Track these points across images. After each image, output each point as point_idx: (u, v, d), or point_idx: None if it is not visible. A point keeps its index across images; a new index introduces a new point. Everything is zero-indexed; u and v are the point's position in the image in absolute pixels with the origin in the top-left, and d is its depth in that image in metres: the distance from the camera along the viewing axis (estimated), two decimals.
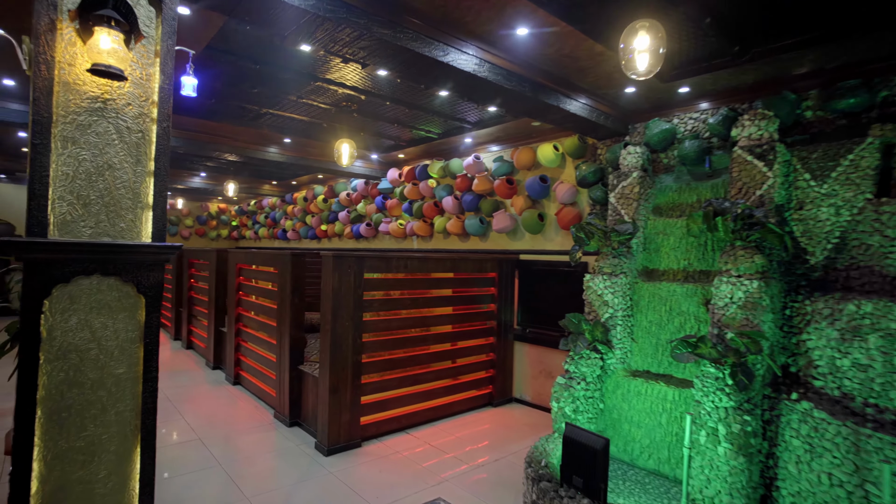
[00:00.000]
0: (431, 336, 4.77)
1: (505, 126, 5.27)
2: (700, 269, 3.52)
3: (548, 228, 5.25)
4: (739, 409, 2.61)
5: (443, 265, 4.79)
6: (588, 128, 4.36)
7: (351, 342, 4.00)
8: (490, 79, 3.17)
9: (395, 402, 4.37)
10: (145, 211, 1.86)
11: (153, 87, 1.87)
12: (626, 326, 3.64)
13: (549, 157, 5.01)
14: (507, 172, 5.61)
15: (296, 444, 4.04)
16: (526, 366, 5.39)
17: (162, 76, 1.88)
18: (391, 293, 4.46)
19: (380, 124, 5.68)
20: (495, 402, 5.24)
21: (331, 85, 4.19)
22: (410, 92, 4.38)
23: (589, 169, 4.54)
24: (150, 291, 1.86)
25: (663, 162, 4.10)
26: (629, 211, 3.81)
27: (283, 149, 6.52)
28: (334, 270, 3.89)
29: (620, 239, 3.57)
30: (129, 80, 1.81)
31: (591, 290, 3.70)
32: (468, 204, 6.05)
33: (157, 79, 1.88)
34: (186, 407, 4.83)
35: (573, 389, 3.38)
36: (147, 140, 1.86)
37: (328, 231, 9.57)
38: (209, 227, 13.63)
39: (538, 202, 5.37)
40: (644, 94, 3.90)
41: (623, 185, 3.90)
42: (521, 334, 5.44)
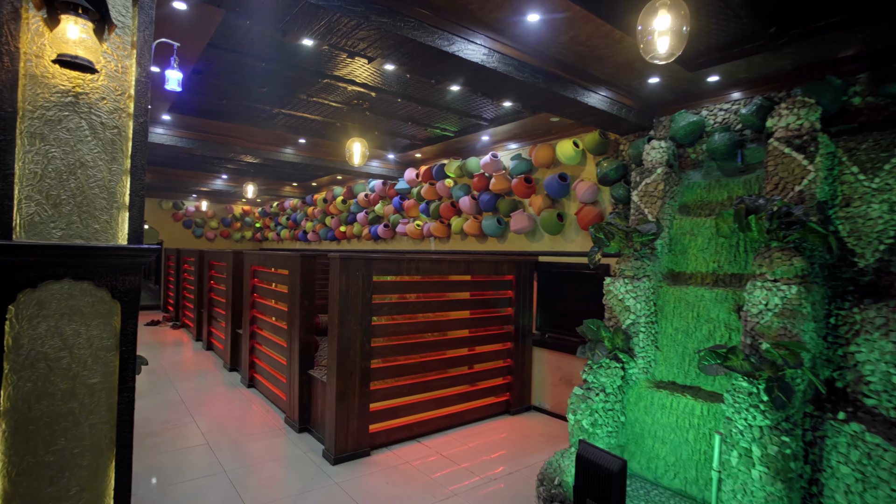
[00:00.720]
0: (445, 341, 4.60)
1: (522, 122, 5.06)
2: (731, 273, 3.24)
3: (567, 229, 5.01)
4: (776, 428, 2.34)
5: (457, 267, 4.62)
6: (609, 122, 4.11)
7: (359, 347, 3.86)
8: (500, 70, 2.98)
9: (405, 410, 4.22)
10: (121, 211, 1.76)
11: (129, 81, 1.77)
12: (649, 334, 3.38)
13: (569, 154, 4.77)
14: (526, 171, 5.39)
15: (303, 451, 3.93)
16: (545, 372, 5.15)
17: (139, 68, 1.77)
18: (402, 296, 4.31)
19: (394, 123, 5.56)
20: (513, 411, 5.02)
21: (339, 82, 4.08)
22: (421, 88, 4.23)
23: (610, 166, 4.29)
24: (126, 297, 1.75)
25: (691, 157, 3.82)
26: (653, 210, 3.55)
27: (298, 149, 6.48)
28: (341, 272, 3.77)
29: (643, 240, 3.32)
30: (104, 73, 1.70)
31: (612, 294, 3.45)
32: (485, 204, 5.86)
33: (133, 71, 1.77)
34: (199, 410, 4.80)
35: (591, 401, 3.15)
36: (123, 136, 1.76)
37: (347, 232, 9.53)
38: (233, 229, 13.83)
39: (557, 201, 5.13)
40: (669, 84, 3.63)
41: (646, 183, 3.65)
42: (540, 339, 5.21)
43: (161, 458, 3.72)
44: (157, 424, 4.39)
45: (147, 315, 11.04)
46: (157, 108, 4.73)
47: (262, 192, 11.33)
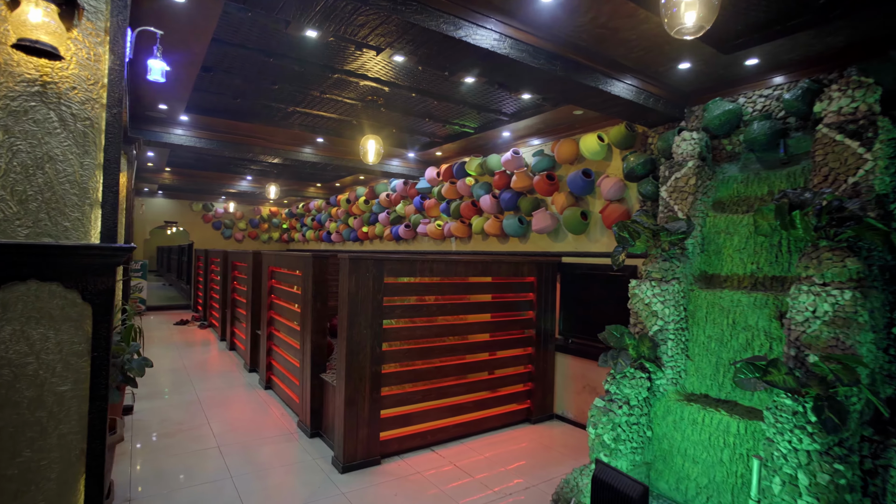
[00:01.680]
0: (461, 345, 4.40)
1: (544, 117, 4.81)
2: (772, 275, 2.92)
3: (592, 228, 4.73)
4: (828, 454, 2.04)
5: (474, 269, 4.42)
6: (636, 113, 3.82)
7: (369, 351, 3.72)
8: (513, 56, 2.77)
9: (419, 417, 4.05)
10: (94, 208, 1.65)
11: (103, 69, 1.66)
12: (678, 341, 3.09)
13: (594, 148, 4.49)
14: (548, 167, 5.14)
15: (313, 457, 3.81)
16: (568, 380, 4.89)
17: (112, 56, 1.66)
18: (415, 299, 4.15)
19: (411, 120, 5.41)
20: (533, 419, 4.78)
21: (351, 77, 3.95)
22: (435, 81, 4.06)
23: (638, 160, 4.00)
24: (98, 299, 1.64)
25: (726, 149, 3.50)
26: (683, 206, 3.26)
27: (317, 149, 6.42)
28: (351, 274, 3.63)
29: (672, 239, 3.04)
30: (75, 61, 1.60)
31: (638, 298, 3.18)
32: (506, 202, 5.63)
33: (106, 59, 1.66)
34: (214, 412, 4.77)
35: (613, 414, 2.90)
36: (96, 128, 1.65)
37: (369, 233, 9.46)
38: (261, 230, 14.03)
39: (581, 199, 4.86)
40: (701, 69, 3.33)
41: (676, 177, 3.36)
42: (562, 345, 4.95)
43: (170, 460, 3.67)
44: (173, 425, 4.37)
45: (177, 314, 11.30)
46: (175, 109, 4.73)
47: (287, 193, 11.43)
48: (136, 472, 3.45)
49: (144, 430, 4.27)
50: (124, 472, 3.46)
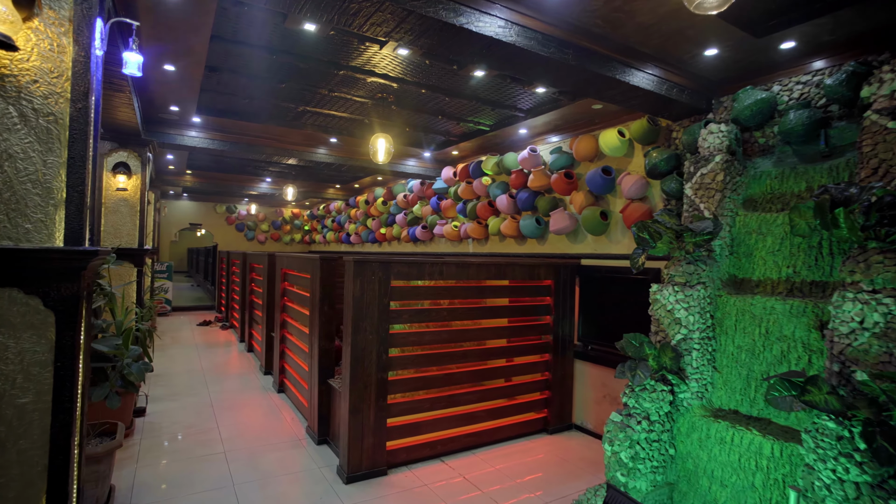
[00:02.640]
0: (473, 352, 4.21)
1: (562, 112, 4.59)
2: (810, 280, 2.64)
3: (613, 229, 4.47)
4: (881, 488, 1.78)
5: (486, 271, 4.23)
6: (658, 105, 3.56)
7: (375, 357, 3.58)
8: (520, 45, 2.58)
9: (428, 426, 3.88)
10: (59, 209, 1.55)
11: (67, 62, 1.55)
12: (704, 352, 2.83)
13: (614, 144, 4.24)
14: (566, 165, 4.91)
15: (319, 465, 3.70)
16: (588, 388, 4.64)
17: (76, 47, 1.56)
18: (424, 303, 3.99)
19: (424, 118, 5.26)
20: (551, 429, 4.55)
21: (358, 73, 3.83)
22: (445, 76, 3.89)
23: (661, 156, 3.74)
24: (62, 305, 1.54)
25: (759, 142, 3.22)
26: (710, 204, 2.99)
27: (331, 149, 6.35)
28: (355, 277, 3.50)
29: (697, 240, 2.79)
30: (36, 53, 1.50)
31: (659, 304, 2.94)
32: (523, 202, 5.42)
33: (71, 51, 1.55)
34: (225, 415, 4.72)
35: (631, 430, 2.66)
36: (61, 124, 1.55)
37: (387, 234, 9.37)
38: (283, 232, 14.16)
39: (601, 198, 4.61)
40: (731, 55, 3.06)
41: (702, 173, 3.10)
42: (582, 352, 4.70)
43: (175, 465, 3.62)
44: (182, 429, 4.33)
45: (201, 315, 11.47)
46: (186, 111, 4.71)
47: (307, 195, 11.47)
48: (139, 477, 3.40)
49: (154, 432, 4.25)
50: (128, 476, 3.41)
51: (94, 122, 1.86)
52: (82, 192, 1.58)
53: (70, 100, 1.56)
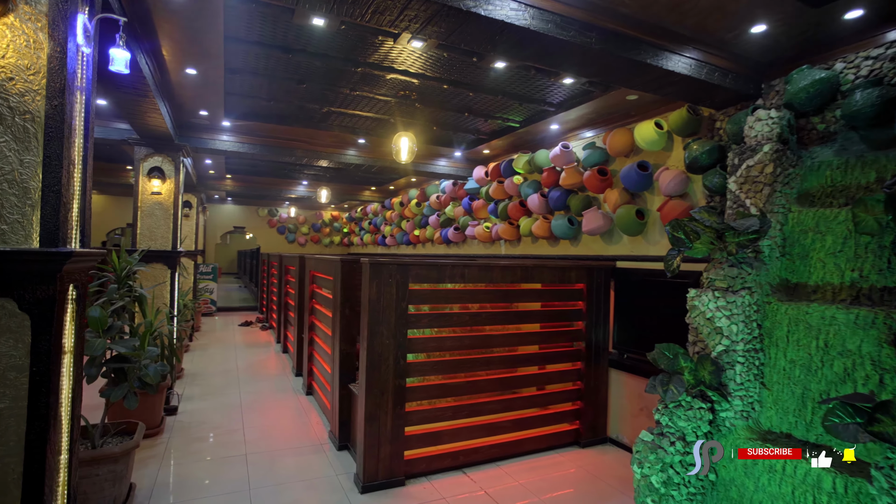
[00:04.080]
0: (496, 359, 4.01)
1: (595, 105, 4.31)
2: (881, 286, 2.27)
3: (650, 228, 4.15)
4: None
5: (512, 274, 4.01)
6: (699, 92, 3.24)
7: (392, 363, 3.45)
8: (535, 28, 2.37)
9: (449, 436, 3.71)
10: (35, 210, 1.50)
11: (44, 58, 1.51)
12: (750, 366, 2.51)
13: (651, 137, 3.93)
14: (600, 161, 4.61)
15: (337, 472, 3.61)
16: (623, 399, 4.32)
17: (52, 42, 1.51)
18: (445, 307, 3.82)
19: (451, 115, 5.11)
20: (583, 442, 4.26)
21: (376, 70, 3.73)
22: (465, 69, 3.73)
23: (702, 148, 3.41)
24: (38, 308, 1.49)
25: (817, 128, 2.84)
26: (757, 200, 2.66)
27: (360, 150, 6.32)
28: (372, 279, 3.39)
29: (741, 240, 2.48)
30: (12, 49, 1.46)
31: (697, 311, 2.64)
32: (555, 202, 5.16)
33: (47, 46, 1.51)
34: (252, 416, 4.75)
35: (664, 452, 2.39)
36: (38, 122, 1.51)
37: (420, 236, 9.29)
38: (322, 234, 14.42)
39: (637, 196, 4.29)
40: (783, 31, 2.72)
41: (748, 165, 2.76)
42: (617, 360, 4.39)
43: (197, 465, 3.64)
44: (209, 429, 4.38)
45: (244, 315, 11.82)
46: (215, 115, 4.79)
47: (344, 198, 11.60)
48: (161, 477, 3.43)
49: (182, 432, 4.31)
50: (150, 475, 3.45)
51: (85, 122, 1.83)
52: (59, 192, 1.54)
53: (46, 97, 1.52)
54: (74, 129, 1.75)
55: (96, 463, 2.75)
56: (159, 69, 3.55)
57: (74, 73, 1.61)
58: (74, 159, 1.79)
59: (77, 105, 1.80)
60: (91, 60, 1.83)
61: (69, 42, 1.54)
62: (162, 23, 2.81)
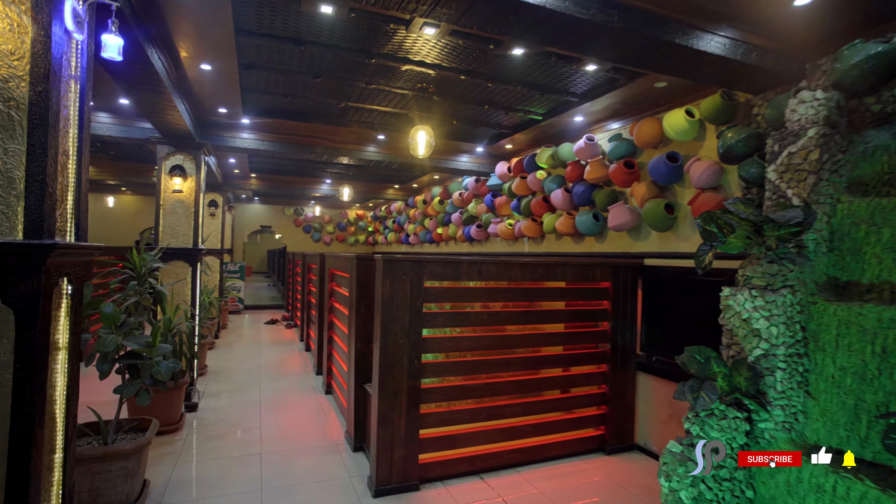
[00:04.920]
0: (516, 360, 3.84)
1: (621, 94, 4.09)
2: None
3: (681, 223, 3.90)
4: None
5: (532, 272, 3.84)
6: (734, 75, 3.00)
7: (406, 363, 3.34)
8: (551, 7, 2.21)
9: (465, 440, 3.58)
10: (21, 200, 1.45)
11: (28, 42, 1.45)
12: (793, 372, 2.28)
13: (681, 126, 3.68)
14: (626, 153, 4.38)
15: (350, 475, 3.52)
16: (651, 405, 4.08)
17: (35, 27, 1.45)
18: (461, 305, 3.69)
19: (470, 108, 4.97)
20: (608, 449, 4.05)
21: (391, 61, 3.63)
22: (482, 59, 3.58)
23: (738, 136, 3.15)
24: (22, 302, 1.43)
25: (872, 109, 2.57)
26: (800, 189, 2.42)
27: (380, 146, 6.24)
28: (385, 277, 3.28)
29: (781, 233, 2.24)
30: None
31: (732, 311, 2.42)
32: (579, 197, 4.95)
33: (31, 30, 1.45)
34: (270, 415, 4.73)
35: (694, 465, 2.18)
36: (23, 109, 1.45)
37: (443, 234, 9.18)
38: (348, 233, 14.49)
39: (667, 189, 4.04)
40: (832, 2, 2.46)
41: (790, 152, 2.52)
42: (645, 363, 4.15)
43: (211, 464, 3.62)
44: (226, 427, 4.38)
45: (270, 314, 11.98)
46: (234, 112, 4.80)
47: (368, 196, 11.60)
48: (176, 474, 3.42)
49: (201, 429, 4.33)
50: (166, 472, 3.45)
51: (80, 111, 1.78)
52: (43, 182, 1.48)
53: (30, 83, 1.46)
54: (66, 118, 1.70)
55: (108, 459, 2.75)
56: (174, 65, 3.54)
57: (62, 58, 1.55)
58: (68, 149, 1.75)
59: (71, 94, 1.75)
60: (86, 48, 1.78)
61: (54, 26, 1.48)
62: (172, 16, 2.78)
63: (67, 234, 1.76)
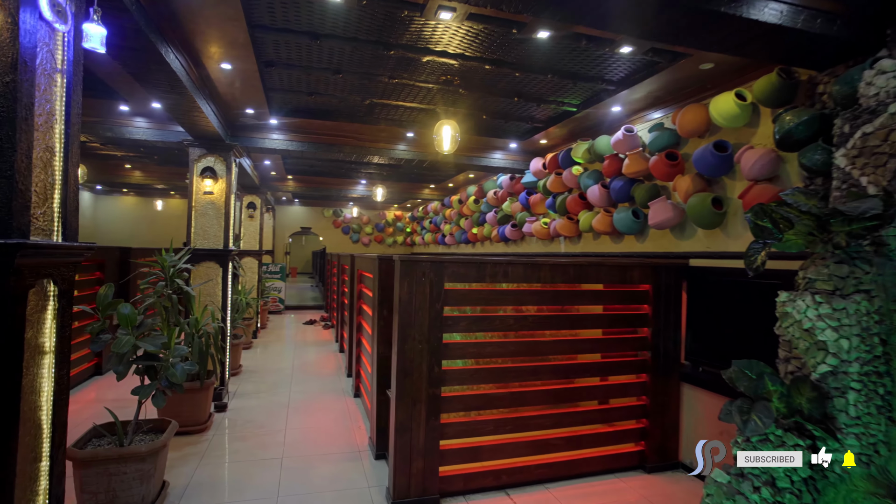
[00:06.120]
0: (546, 368, 3.58)
1: (662, 79, 3.74)
2: None
3: (730, 219, 3.51)
4: None
5: (563, 274, 3.56)
6: (794, 48, 2.62)
7: (426, 370, 3.16)
8: None
9: (489, 452, 3.35)
10: None
11: None
12: (871, 394, 1.91)
13: (731, 111, 3.30)
14: (668, 144, 4.02)
15: (370, 484, 3.39)
16: (698, 420, 3.70)
17: (2, 13, 1.37)
18: (486, 309, 3.47)
19: (500, 101, 4.73)
20: (649, 467, 3.71)
21: (410, 52, 3.46)
22: (506, 45, 3.35)
23: (798, 119, 2.76)
24: None
25: None
26: (878, 176, 2.05)
27: (409, 144, 6.11)
28: (402, 278, 3.12)
29: (855, 228, 1.89)
30: None
31: (792, 319, 2.07)
32: (617, 192, 4.60)
33: None
34: (296, 417, 4.68)
35: (744, 499, 1.87)
36: None
37: (478, 234, 8.95)
38: (386, 234, 14.52)
39: (714, 182, 3.66)
40: None
41: (865, 133, 2.14)
42: (690, 374, 3.77)
43: (232, 467, 3.58)
44: (252, 429, 4.36)
45: (310, 314, 12.16)
46: (261, 112, 4.79)
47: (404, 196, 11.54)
48: (197, 476, 3.40)
49: (227, 430, 4.33)
50: (187, 473, 3.44)
51: (66, 106, 1.72)
52: (11, 179, 1.40)
53: None
54: (50, 112, 1.64)
55: (123, 461, 2.73)
56: (195, 65, 3.53)
57: (36, 49, 1.48)
58: (53, 146, 1.68)
59: (56, 88, 1.68)
60: (72, 40, 1.71)
61: (23, 13, 1.40)
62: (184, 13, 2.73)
63: (54, 233, 1.69)
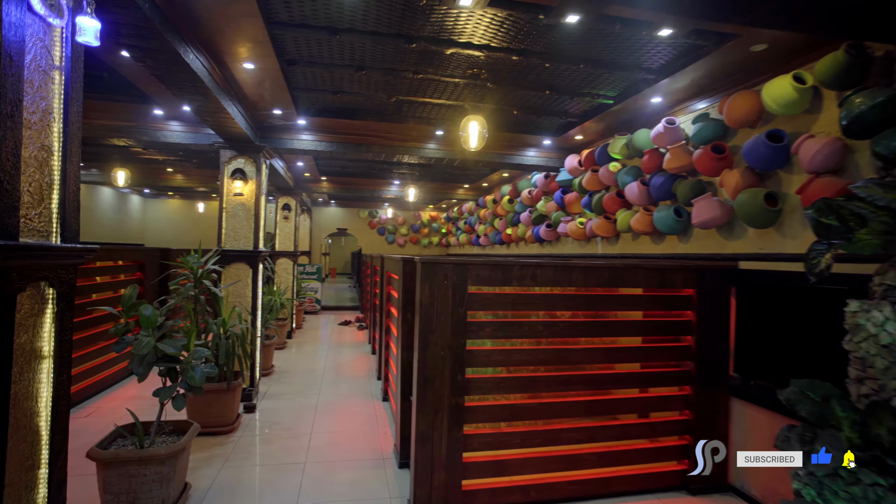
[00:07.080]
0: (578, 378, 3.34)
1: (707, 63, 3.43)
2: None
3: (786, 217, 3.16)
4: None
5: (596, 277, 3.31)
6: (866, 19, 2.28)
7: (448, 378, 3.00)
8: None
9: (517, 466, 3.16)
10: None
11: None
12: None
13: (787, 97, 2.96)
14: (714, 136, 3.68)
15: (391, 495, 3.26)
16: (751, 438, 3.36)
17: None
18: (511, 314, 3.27)
19: (529, 94, 4.51)
20: (693, 488, 3.40)
21: (432, 45, 3.32)
22: (533, 33, 3.15)
23: (871, 101, 2.42)
24: None
25: None
26: None
27: (439, 143, 5.97)
28: (423, 281, 2.98)
29: None
30: None
31: (864, 333, 1.78)
32: (658, 190, 4.29)
33: None
34: (323, 420, 4.63)
35: None
36: None
37: (512, 235, 8.71)
38: (421, 235, 14.47)
39: (767, 176, 3.31)
40: None
41: None
42: (740, 387, 3.43)
43: (254, 471, 3.55)
44: (278, 431, 4.34)
45: (346, 314, 12.25)
46: (287, 113, 4.79)
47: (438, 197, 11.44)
48: (219, 479, 3.38)
49: (254, 431, 4.33)
50: (211, 475, 3.42)
51: (65, 105, 1.67)
52: None
53: None
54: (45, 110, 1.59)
55: (143, 463, 2.72)
56: (218, 66, 3.52)
57: (23, 43, 1.42)
58: (51, 145, 1.64)
59: (53, 86, 1.64)
60: (69, 36, 1.67)
61: (6, 4, 1.34)
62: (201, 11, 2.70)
63: (52, 235, 1.65)
